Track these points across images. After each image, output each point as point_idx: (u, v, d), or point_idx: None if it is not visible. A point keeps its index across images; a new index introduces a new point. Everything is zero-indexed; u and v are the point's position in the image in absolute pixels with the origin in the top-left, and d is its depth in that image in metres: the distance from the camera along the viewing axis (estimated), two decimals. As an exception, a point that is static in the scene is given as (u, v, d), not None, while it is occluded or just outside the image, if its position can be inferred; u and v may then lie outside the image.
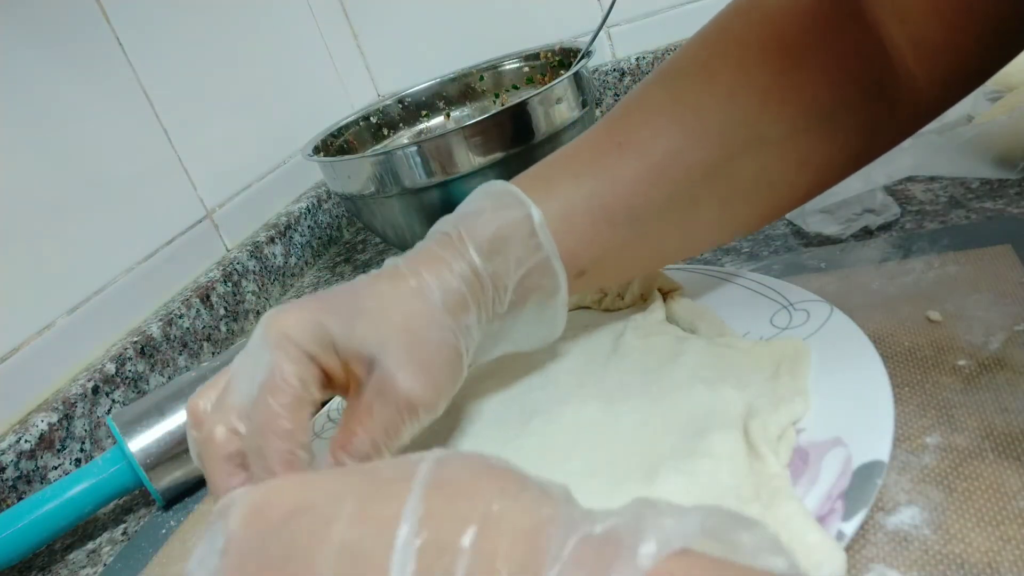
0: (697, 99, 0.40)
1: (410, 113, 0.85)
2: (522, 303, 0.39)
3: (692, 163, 0.39)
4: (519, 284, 0.38)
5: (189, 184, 0.76)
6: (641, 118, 0.41)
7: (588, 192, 0.40)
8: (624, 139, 0.40)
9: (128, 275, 0.68)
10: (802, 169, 0.40)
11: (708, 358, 0.41)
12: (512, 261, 0.38)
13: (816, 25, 0.38)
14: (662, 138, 0.39)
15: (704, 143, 0.39)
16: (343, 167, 0.68)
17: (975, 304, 0.40)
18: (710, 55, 0.41)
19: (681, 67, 0.42)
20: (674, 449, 0.35)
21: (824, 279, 0.47)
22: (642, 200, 0.40)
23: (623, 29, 0.94)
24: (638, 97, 0.42)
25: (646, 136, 0.40)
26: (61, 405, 0.57)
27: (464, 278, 0.37)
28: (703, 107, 0.39)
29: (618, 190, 0.40)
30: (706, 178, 0.39)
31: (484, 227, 0.38)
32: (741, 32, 0.40)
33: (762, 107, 0.39)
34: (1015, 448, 0.32)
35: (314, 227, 0.88)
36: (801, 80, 0.38)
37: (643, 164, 0.39)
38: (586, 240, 0.40)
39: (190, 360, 0.68)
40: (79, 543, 0.52)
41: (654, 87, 0.42)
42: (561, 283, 0.39)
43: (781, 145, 0.39)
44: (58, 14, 0.66)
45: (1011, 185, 0.51)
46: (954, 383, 0.36)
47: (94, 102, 0.68)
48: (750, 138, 0.39)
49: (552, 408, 0.41)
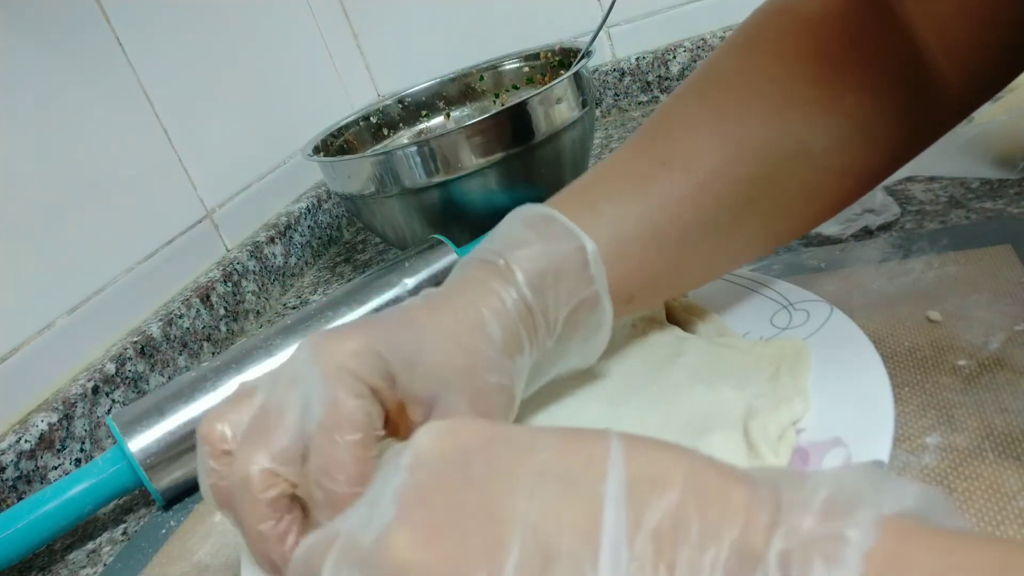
0: (739, 113, 0.39)
1: (410, 113, 0.85)
2: (567, 338, 0.37)
3: (737, 178, 0.38)
4: (567, 319, 0.36)
5: (189, 184, 0.76)
6: (682, 134, 0.39)
7: (637, 216, 0.38)
8: (667, 158, 0.39)
9: (128, 275, 0.68)
10: (844, 178, 0.40)
11: (708, 358, 0.41)
12: (563, 295, 0.36)
13: (849, 29, 0.37)
14: (706, 155, 0.38)
15: (749, 158, 0.38)
16: (343, 167, 0.68)
17: (975, 304, 0.40)
18: (748, 66, 0.40)
19: (717, 79, 0.41)
20: (674, 449, 0.35)
21: (824, 279, 0.47)
22: (690, 219, 0.38)
23: (623, 29, 0.94)
24: (676, 112, 0.41)
25: (690, 154, 0.39)
26: (61, 405, 0.57)
27: (519, 313, 0.35)
28: (746, 122, 0.38)
29: (667, 211, 0.38)
30: (751, 193, 0.38)
31: (534, 259, 0.35)
32: (776, 40, 0.39)
33: (806, 119, 0.38)
34: (1015, 448, 0.32)
35: (314, 227, 0.88)
36: (842, 88, 0.37)
37: (689, 183, 0.38)
38: (636, 266, 0.38)
39: (190, 360, 0.68)
40: (79, 543, 0.52)
41: (692, 101, 0.41)
42: (608, 319, 0.38)
43: (825, 156, 0.38)
44: (58, 14, 0.66)
45: (1011, 185, 0.51)
46: (954, 383, 0.36)
47: (94, 102, 0.68)
48: (795, 151, 0.38)
49: (552, 409, 0.41)
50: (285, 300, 0.80)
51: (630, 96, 0.96)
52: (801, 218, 0.41)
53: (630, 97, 0.96)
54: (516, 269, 0.35)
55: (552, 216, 0.37)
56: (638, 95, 0.96)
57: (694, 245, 0.39)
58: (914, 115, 0.38)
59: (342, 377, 0.30)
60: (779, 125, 0.38)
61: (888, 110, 0.38)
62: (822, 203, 0.41)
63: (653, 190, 0.38)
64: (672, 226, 0.38)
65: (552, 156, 0.67)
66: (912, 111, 0.38)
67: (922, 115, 0.39)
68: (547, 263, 0.35)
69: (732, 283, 0.47)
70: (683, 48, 0.91)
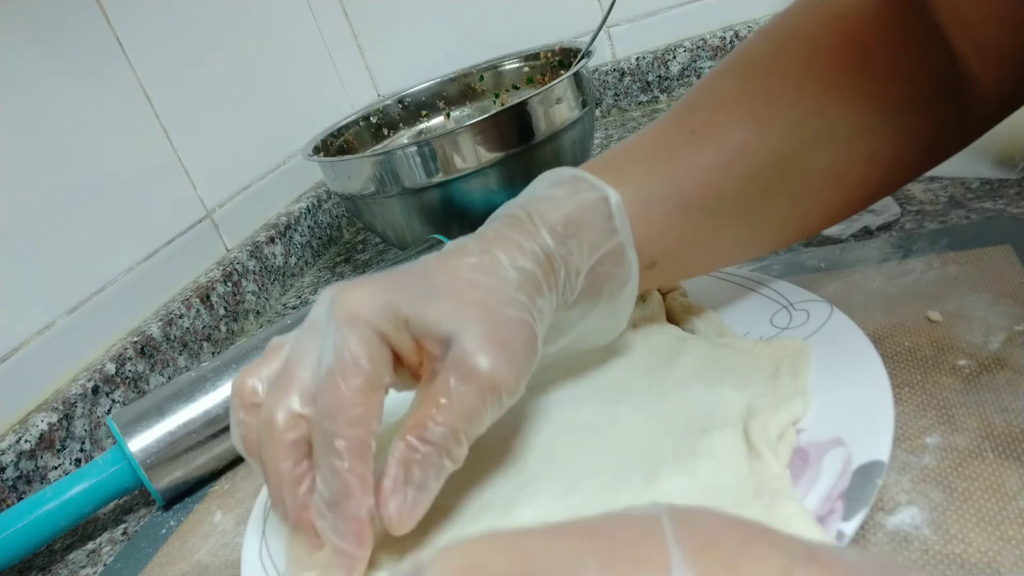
0: (768, 90, 0.39)
1: (410, 113, 0.85)
2: (591, 293, 0.37)
3: (765, 152, 0.38)
4: (591, 271, 0.36)
5: (189, 184, 0.76)
6: (713, 106, 0.40)
7: (663, 179, 0.38)
8: (697, 126, 0.39)
9: (128, 275, 0.68)
10: (871, 166, 0.39)
11: (708, 358, 0.41)
12: (586, 245, 0.36)
13: (883, 24, 0.38)
14: (735, 126, 0.38)
15: (776, 133, 0.38)
16: (343, 167, 0.68)
17: (975, 304, 0.40)
18: (779, 48, 0.40)
19: (750, 59, 0.41)
20: (674, 449, 0.35)
21: (824, 279, 0.47)
22: (716, 189, 0.38)
23: (623, 29, 0.94)
24: (708, 86, 0.41)
25: (720, 124, 0.39)
26: (61, 405, 0.57)
27: (537, 259, 0.34)
28: (774, 98, 0.39)
29: (694, 178, 0.38)
30: (778, 169, 0.38)
31: (557, 210, 0.36)
32: (810, 28, 0.40)
33: (832, 101, 0.38)
34: (1015, 448, 0.32)
35: (314, 227, 0.88)
36: (870, 75, 0.38)
37: (718, 152, 0.38)
38: (659, 229, 0.38)
39: (190, 360, 0.68)
40: (79, 543, 0.52)
41: (724, 76, 0.41)
42: (633, 272, 0.37)
43: (851, 140, 0.38)
44: (58, 14, 0.66)
45: (1011, 185, 0.51)
46: (954, 383, 0.36)
47: (94, 102, 0.68)
48: (821, 131, 0.38)
49: (552, 408, 0.41)
50: (285, 300, 0.80)
51: (630, 96, 0.96)
52: (830, 202, 0.41)
53: (630, 97, 0.96)
54: (537, 220, 0.35)
55: (578, 174, 0.37)
56: (638, 95, 0.96)
57: (720, 217, 0.39)
58: (945, 111, 0.38)
59: (352, 323, 0.31)
60: (807, 105, 0.38)
61: (918, 102, 0.38)
62: (851, 190, 0.40)
63: (680, 157, 0.38)
64: (698, 194, 0.38)
65: (552, 156, 0.67)
66: (943, 106, 0.38)
67: (954, 112, 0.38)
68: (569, 212, 0.35)
69: (732, 283, 0.47)
70: (683, 48, 0.91)
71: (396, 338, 0.31)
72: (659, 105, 0.95)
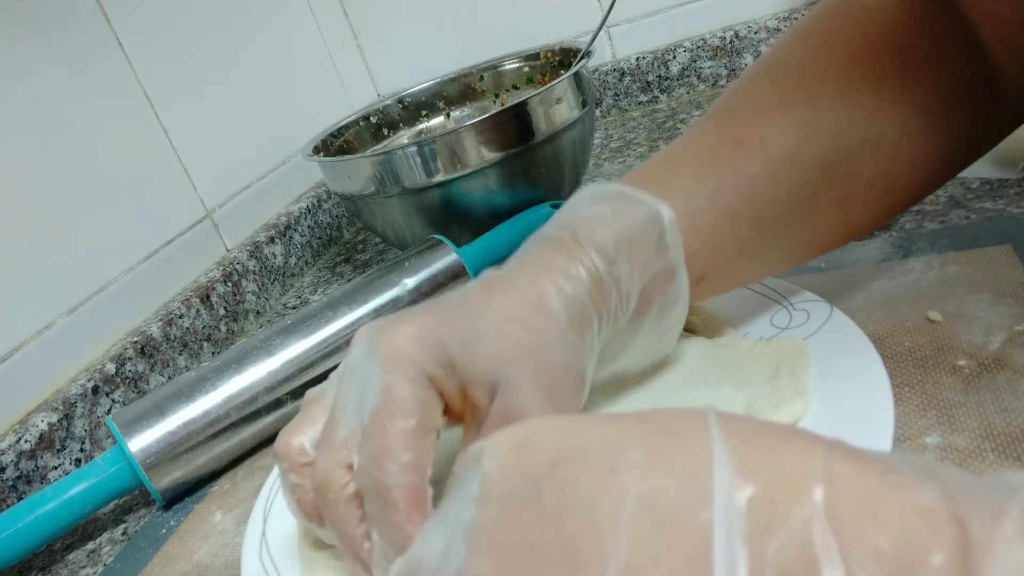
0: (810, 98, 0.38)
1: (410, 113, 0.85)
2: (642, 314, 0.35)
3: (810, 160, 0.37)
4: (641, 292, 0.34)
5: (189, 184, 0.77)
6: (753, 115, 0.38)
7: (710, 190, 0.37)
8: (740, 136, 0.38)
9: (128, 275, 0.68)
10: (916, 170, 0.39)
11: (708, 358, 0.41)
12: (637, 266, 0.34)
13: (915, 21, 0.37)
14: (779, 135, 0.37)
15: (821, 141, 0.37)
16: (343, 167, 0.68)
17: (975, 304, 0.40)
18: (816, 50, 0.39)
19: (788, 65, 0.40)
20: (674, 449, 0.35)
21: (824, 279, 0.47)
22: (764, 199, 0.37)
23: (623, 29, 0.94)
24: (745, 95, 0.40)
25: (763, 133, 0.37)
26: (61, 405, 0.57)
27: (585, 286, 0.33)
28: (817, 105, 0.37)
29: (741, 188, 0.37)
30: (825, 177, 0.38)
31: (605, 229, 0.34)
32: (845, 29, 0.39)
33: (876, 105, 0.37)
34: (1015, 448, 0.32)
35: (314, 227, 0.88)
36: (910, 78, 0.37)
37: (763, 161, 0.37)
38: (709, 242, 0.37)
39: (190, 360, 0.68)
40: (79, 543, 0.52)
41: (761, 83, 0.40)
42: (684, 290, 0.36)
43: (897, 144, 0.38)
44: (58, 14, 0.66)
45: (1011, 185, 0.51)
46: (954, 383, 0.36)
47: (94, 102, 0.68)
48: (866, 137, 0.37)
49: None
50: (285, 300, 0.80)
51: (630, 96, 0.96)
52: (877, 207, 0.40)
53: (630, 97, 0.96)
54: (585, 241, 0.34)
55: (622, 190, 0.36)
56: (638, 95, 0.96)
57: (769, 227, 0.38)
58: (982, 111, 0.38)
59: (397, 364, 0.29)
60: (849, 112, 0.37)
61: (957, 103, 0.37)
62: (898, 195, 0.40)
63: (726, 168, 0.37)
64: (746, 204, 0.37)
65: (552, 156, 0.67)
66: (980, 106, 0.38)
67: (990, 111, 0.38)
68: (620, 232, 0.34)
69: (732, 283, 0.47)
70: (683, 48, 0.91)
71: (443, 381, 0.30)
72: (659, 105, 0.95)
